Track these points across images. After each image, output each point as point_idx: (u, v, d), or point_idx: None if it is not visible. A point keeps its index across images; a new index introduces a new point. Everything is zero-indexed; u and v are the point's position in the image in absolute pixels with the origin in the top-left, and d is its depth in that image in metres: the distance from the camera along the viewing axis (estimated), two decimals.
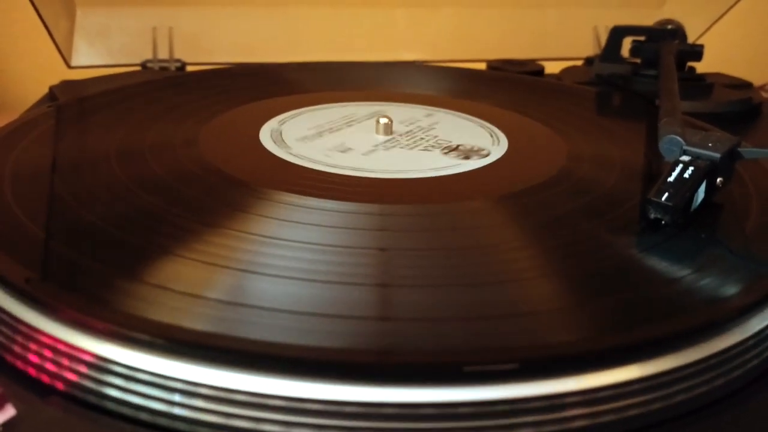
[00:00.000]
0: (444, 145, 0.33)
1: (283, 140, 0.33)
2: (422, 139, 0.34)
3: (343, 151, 0.32)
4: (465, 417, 0.17)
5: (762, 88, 0.53)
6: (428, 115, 0.38)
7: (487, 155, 0.30)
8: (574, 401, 0.18)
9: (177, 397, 0.18)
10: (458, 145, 0.30)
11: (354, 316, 0.20)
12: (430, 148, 0.32)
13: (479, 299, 0.21)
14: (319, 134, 0.34)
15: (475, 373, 0.18)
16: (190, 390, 0.18)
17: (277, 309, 0.20)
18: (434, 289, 0.21)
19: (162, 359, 0.18)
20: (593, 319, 0.20)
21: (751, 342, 0.20)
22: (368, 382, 0.17)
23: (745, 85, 0.51)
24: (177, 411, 0.18)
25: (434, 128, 0.36)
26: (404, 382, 0.17)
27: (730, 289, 0.22)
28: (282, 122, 0.35)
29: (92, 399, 0.18)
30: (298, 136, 0.33)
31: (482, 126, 0.36)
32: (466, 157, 0.28)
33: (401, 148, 0.33)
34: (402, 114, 0.37)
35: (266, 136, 0.33)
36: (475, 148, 0.29)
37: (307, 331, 0.19)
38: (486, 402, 0.17)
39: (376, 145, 0.33)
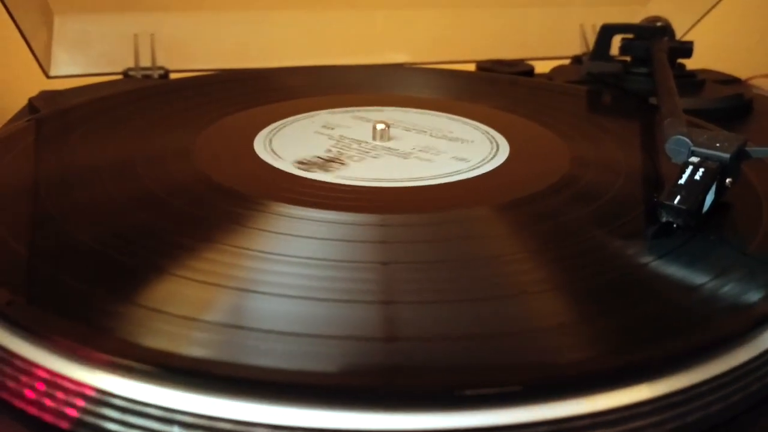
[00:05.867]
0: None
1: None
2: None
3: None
4: None
5: (748, 82, 0.53)
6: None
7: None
8: (584, 424, 0.17)
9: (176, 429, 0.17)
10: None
11: (357, 336, 0.19)
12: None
13: (484, 315, 0.20)
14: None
15: (477, 396, 0.17)
16: (188, 421, 0.17)
17: (279, 331, 0.19)
18: (438, 305, 0.20)
19: (161, 388, 0.17)
20: (605, 336, 0.19)
21: None
22: (370, 408, 0.17)
23: (734, 81, 0.51)
24: None
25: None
26: (403, 407, 0.17)
27: (749, 298, 0.21)
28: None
29: None
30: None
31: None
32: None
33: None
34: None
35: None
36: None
37: (309, 355, 0.18)
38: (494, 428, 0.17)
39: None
